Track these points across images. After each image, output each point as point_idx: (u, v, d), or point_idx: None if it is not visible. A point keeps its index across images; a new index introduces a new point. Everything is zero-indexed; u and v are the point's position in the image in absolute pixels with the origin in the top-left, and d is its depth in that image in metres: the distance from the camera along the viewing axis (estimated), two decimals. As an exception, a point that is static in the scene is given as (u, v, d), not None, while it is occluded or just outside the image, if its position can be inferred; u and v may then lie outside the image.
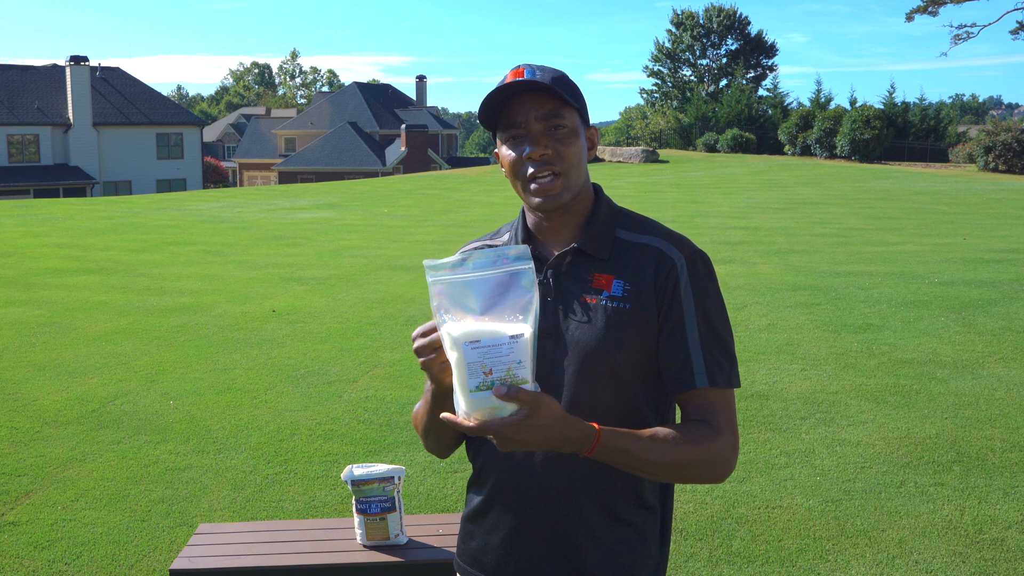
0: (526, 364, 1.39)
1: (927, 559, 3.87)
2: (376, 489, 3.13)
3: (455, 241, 14.96)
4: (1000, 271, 11.12)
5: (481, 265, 1.42)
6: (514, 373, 1.38)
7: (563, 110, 1.63)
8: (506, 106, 1.65)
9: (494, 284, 1.42)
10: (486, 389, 1.38)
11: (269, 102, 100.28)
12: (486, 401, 1.38)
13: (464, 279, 1.41)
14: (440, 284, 1.42)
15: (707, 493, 4.54)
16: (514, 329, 1.39)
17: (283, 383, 6.58)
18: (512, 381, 1.38)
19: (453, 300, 1.42)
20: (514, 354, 1.38)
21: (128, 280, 11.21)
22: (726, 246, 13.79)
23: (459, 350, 1.38)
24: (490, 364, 1.37)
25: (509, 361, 1.38)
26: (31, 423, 5.72)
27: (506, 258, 1.43)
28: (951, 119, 50.01)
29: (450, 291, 1.42)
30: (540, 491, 1.65)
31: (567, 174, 1.63)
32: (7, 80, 45.32)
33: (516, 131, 1.64)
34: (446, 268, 1.43)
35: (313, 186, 35.10)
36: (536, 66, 1.66)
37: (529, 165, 1.63)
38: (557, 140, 1.63)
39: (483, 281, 1.42)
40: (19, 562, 3.93)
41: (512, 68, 1.66)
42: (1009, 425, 5.51)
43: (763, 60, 60.42)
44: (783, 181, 29.87)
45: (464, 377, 1.38)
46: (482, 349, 1.37)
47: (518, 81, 1.61)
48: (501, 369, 1.38)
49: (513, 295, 1.42)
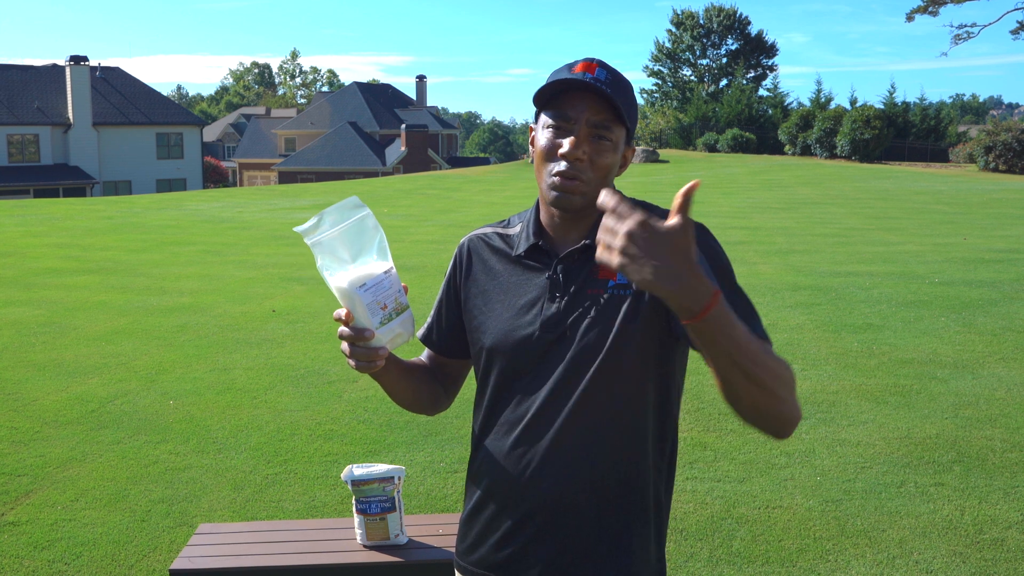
0: (403, 292, 1.60)
1: (927, 559, 3.87)
2: (376, 489, 3.13)
3: (455, 241, 14.94)
4: (1000, 271, 11.12)
5: (335, 221, 1.58)
6: (400, 301, 1.60)
7: (614, 124, 1.61)
8: (564, 94, 1.62)
9: (352, 234, 1.59)
10: (388, 321, 1.57)
11: (269, 102, 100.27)
12: (392, 330, 1.59)
13: (331, 235, 1.57)
14: (318, 245, 1.57)
15: (707, 493, 4.54)
16: (383, 266, 1.58)
17: (283, 383, 6.58)
18: (400, 309, 1.59)
19: (331, 255, 1.58)
20: (394, 284, 1.59)
21: (128, 280, 11.21)
22: (726, 246, 13.56)
23: (355, 295, 1.55)
24: (382, 299, 1.57)
25: (393, 292, 1.58)
26: (31, 423, 5.71)
27: (348, 208, 1.59)
28: (951, 119, 50.01)
29: (328, 248, 1.58)
30: (536, 489, 1.65)
31: (590, 183, 1.62)
32: (7, 80, 45.31)
33: (563, 123, 1.61)
34: (315, 230, 1.57)
35: (313, 186, 35.10)
36: (611, 68, 1.63)
37: (562, 162, 1.61)
38: (596, 150, 1.61)
39: (344, 233, 1.58)
40: (19, 562, 3.93)
41: (585, 58, 1.63)
42: (1009, 425, 5.51)
43: (763, 60, 60.40)
44: (783, 181, 29.87)
45: (368, 317, 1.56)
46: (371, 289, 1.55)
47: (588, 79, 1.58)
48: (391, 301, 1.58)
49: (368, 238, 1.59)
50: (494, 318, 1.71)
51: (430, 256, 13.18)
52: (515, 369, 1.68)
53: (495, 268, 1.75)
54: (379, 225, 1.61)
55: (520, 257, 1.72)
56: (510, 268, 1.73)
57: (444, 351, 1.87)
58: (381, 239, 1.60)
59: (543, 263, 1.70)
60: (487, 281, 1.75)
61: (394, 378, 1.76)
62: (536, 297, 1.68)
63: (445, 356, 1.87)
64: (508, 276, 1.73)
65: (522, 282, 1.71)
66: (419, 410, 1.88)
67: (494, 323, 1.71)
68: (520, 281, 1.71)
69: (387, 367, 1.72)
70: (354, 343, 1.59)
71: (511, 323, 1.69)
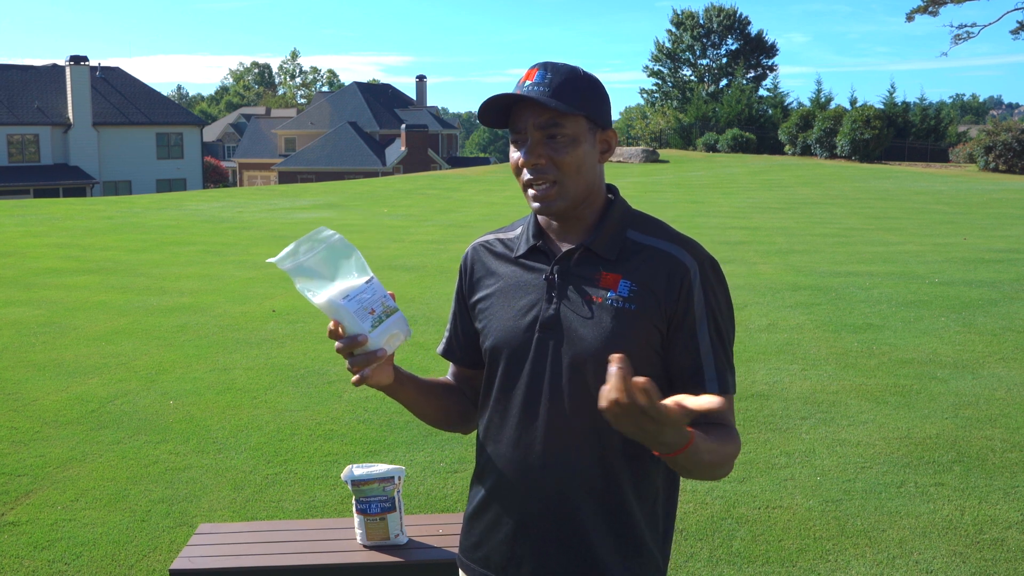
0: (389, 296, 1.63)
1: (927, 559, 3.87)
2: (376, 489, 3.13)
3: (455, 241, 14.96)
4: (1000, 271, 11.12)
5: (310, 248, 1.63)
6: (388, 305, 1.62)
7: (562, 118, 1.62)
8: (513, 108, 1.67)
9: (328, 256, 1.63)
10: (379, 324, 1.59)
11: (269, 102, 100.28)
12: (386, 332, 1.60)
13: (308, 259, 1.62)
14: (297, 269, 1.61)
15: (707, 493, 4.54)
16: (363, 278, 1.62)
17: (283, 383, 6.58)
18: (390, 312, 1.61)
19: (310, 277, 1.61)
20: (378, 291, 1.62)
21: (128, 280, 11.21)
22: (726, 246, 13.79)
23: (340, 306, 1.57)
24: (368, 305, 1.59)
25: (378, 298, 1.61)
26: (31, 423, 5.71)
27: (318, 240, 1.63)
28: (951, 119, 50.04)
29: (306, 271, 1.61)
30: (540, 489, 1.66)
31: (563, 182, 1.64)
32: (7, 80, 45.32)
33: (517, 135, 1.66)
34: (290, 257, 1.61)
35: (313, 186, 35.10)
36: (550, 66, 1.65)
37: (525, 171, 1.65)
38: (553, 149, 1.63)
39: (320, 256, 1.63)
40: (19, 562, 3.93)
41: (531, 66, 1.67)
42: (1009, 425, 5.51)
43: (763, 60, 60.43)
44: (783, 181, 29.87)
45: (357, 323, 1.57)
46: (355, 298, 1.58)
47: (517, 91, 1.63)
48: (378, 305, 1.61)
49: (344, 257, 1.63)
50: (496, 320, 1.73)
51: (430, 256, 13.18)
52: (516, 369, 1.69)
53: (497, 271, 1.77)
54: (353, 244, 1.65)
55: (520, 259, 1.74)
56: (511, 270, 1.75)
57: (466, 362, 1.87)
58: (358, 256, 1.64)
59: (542, 264, 1.71)
60: (490, 285, 1.77)
61: (412, 396, 1.77)
62: (536, 298, 1.69)
63: (468, 367, 1.87)
64: (509, 278, 1.75)
65: (522, 284, 1.72)
66: (450, 427, 1.88)
67: (496, 324, 1.73)
68: (520, 283, 1.73)
69: (401, 384, 1.73)
70: (351, 352, 1.59)
71: (511, 324, 1.70)
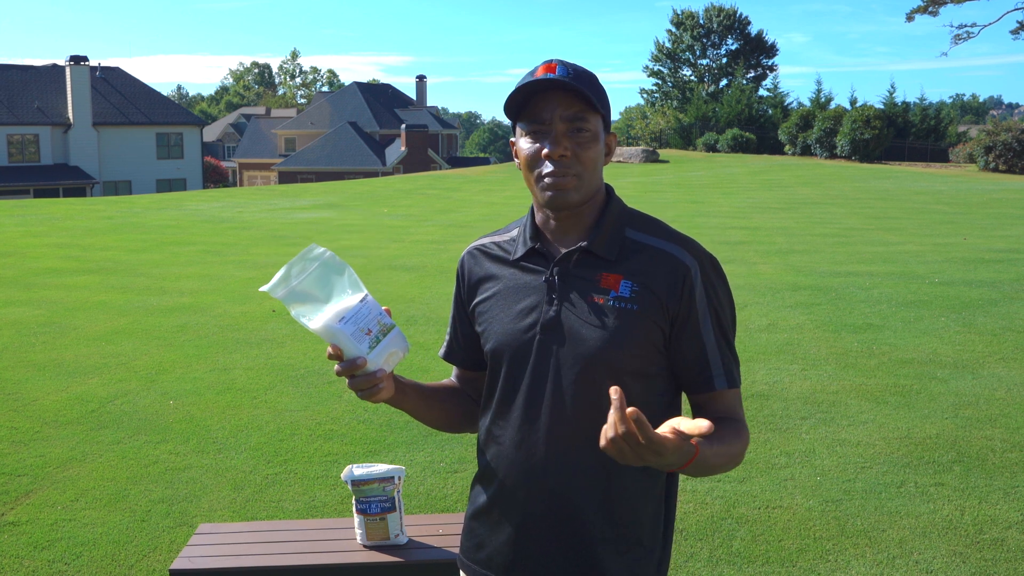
0: (384, 313, 1.62)
1: (927, 559, 3.87)
2: (376, 489, 3.13)
3: (455, 241, 14.96)
4: (1000, 271, 11.12)
5: (301, 270, 1.62)
6: (384, 323, 1.61)
7: (589, 114, 1.63)
8: (533, 99, 1.64)
9: (320, 276, 1.62)
10: (376, 344, 1.59)
11: (269, 102, 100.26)
12: (384, 351, 1.60)
13: (300, 283, 1.61)
14: (290, 295, 1.61)
15: (707, 493, 4.54)
16: (357, 297, 1.61)
17: (283, 383, 6.58)
18: (386, 330, 1.60)
19: (304, 301, 1.61)
20: (373, 310, 1.61)
21: (128, 280, 11.21)
22: (726, 246, 13.79)
23: (337, 330, 1.57)
24: (364, 325, 1.59)
25: (374, 317, 1.60)
26: (31, 423, 5.71)
27: (310, 259, 1.62)
28: (951, 119, 50.03)
29: (300, 296, 1.61)
30: (542, 491, 1.66)
31: (581, 177, 1.64)
32: (7, 80, 45.31)
33: (539, 127, 1.63)
34: (284, 283, 1.61)
35: (313, 186, 35.09)
36: (569, 64, 1.64)
37: (547, 163, 1.63)
38: (578, 143, 1.62)
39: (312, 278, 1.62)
40: (19, 562, 3.93)
41: (544, 62, 1.65)
42: (1009, 425, 5.51)
43: (763, 60, 60.39)
44: (783, 181, 29.87)
45: (355, 345, 1.57)
46: (350, 320, 1.58)
47: (550, 78, 1.60)
48: (374, 324, 1.60)
49: (336, 275, 1.63)
50: (497, 322, 1.73)
51: (430, 256, 13.17)
52: (518, 371, 1.69)
53: (495, 275, 1.76)
54: (344, 261, 1.65)
55: (518, 261, 1.74)
56: (509, 273, 1.74)
57: (467, 364, 1.88)
58: (350, 272, 1.64)
59: (541, 266, 1.71)
60: (489, 289, 1.77)
61: (415, 403, 1.78)
62: (536, 300, 1.69)
63: (470, 369, 1.88)
64: (508, 281, 1.74)
65: (521, 286, 1.72)
66: (456, 429, 1.89)
67: (497, 327, 1.72)
68: (520, 285, 1.72)
69: (404, 393, 1.73)
70: (352, 374, 1.59)
71: (512, 326, 1.70)
